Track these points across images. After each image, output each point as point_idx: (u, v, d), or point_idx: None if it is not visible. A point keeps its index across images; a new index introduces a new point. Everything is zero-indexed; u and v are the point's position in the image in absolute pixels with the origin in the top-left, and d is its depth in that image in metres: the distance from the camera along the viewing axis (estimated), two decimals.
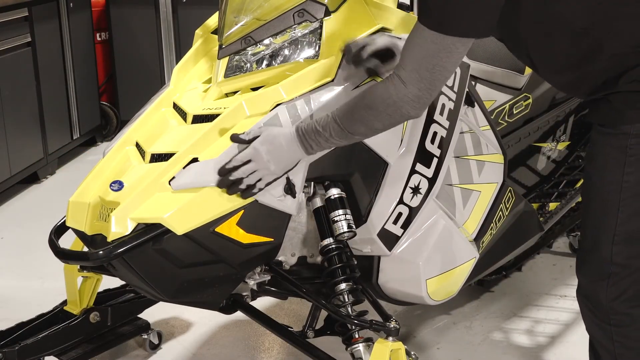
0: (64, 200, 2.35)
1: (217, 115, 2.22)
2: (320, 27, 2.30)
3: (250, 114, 2.21)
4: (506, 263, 3.22)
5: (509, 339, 3.03)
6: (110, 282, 2.82)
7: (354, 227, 2.28)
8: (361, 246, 2.40)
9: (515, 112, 3.00)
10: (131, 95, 5.56)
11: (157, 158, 2.23)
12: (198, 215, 2.10)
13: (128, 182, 2.19)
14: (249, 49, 2.32)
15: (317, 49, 2.29)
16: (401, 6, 2.40)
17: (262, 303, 3.09)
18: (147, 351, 2.96)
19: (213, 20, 2.61)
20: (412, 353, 2.25)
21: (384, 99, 1.97)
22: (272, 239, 2.22)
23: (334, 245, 2.29)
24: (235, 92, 2.34)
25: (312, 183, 2.31)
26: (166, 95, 2.44)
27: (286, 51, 2.31)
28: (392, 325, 2.21)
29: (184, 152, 2.16)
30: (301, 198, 2.32)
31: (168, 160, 2.17)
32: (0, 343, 2.58)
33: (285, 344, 2.93)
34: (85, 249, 2.26)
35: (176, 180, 2.12)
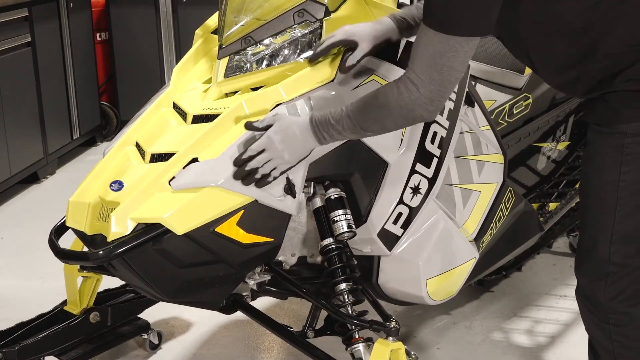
0: (64, 200, 2.35)
1: (217, 115, 2.22)
2: (320, 27, 2.31)
3: (250, 114, 2.21)
4: (506, 263, 3.22)
5: (509, 339, 3.03)
6: (110, 282, 2.82)
7: (354, 227, 2.28)
8: (361, 246, 2.40)
9: (515, 112, 3.00)
10: (131, 95, 5.56)
11: (157, 158, 2.23)
12: (198, 215, 2.10)
13: (128, 182, 2.19)
14: (249, 49, 2.32)
15: None
16: (401, 6, 2.40)
17: (262, 303, 3.09)
18: (147, 351, 2.96)
19: (213, 20, 2.61)
20: (412, 353, 2.25)
21: (397, 101, 1.97)
22: (272, 239, 2.22)
23: (334, 245, 2.29)
24: (235, 92, 2.34)
25: (312, 183, 2.31)
26: (166, 95, 2.44)
27: (286, 51, 2.31)
28: (392, 325, 2.21)
29: (184, 152, 2.16)
30: (301, 198, 2.32)
31: (168, 160, 2.17)
32: (0, 343, 2.58)
33: (285, 344, 2.93)
34: (85, 249, 2.26)
35: (176, 180, 2.12)
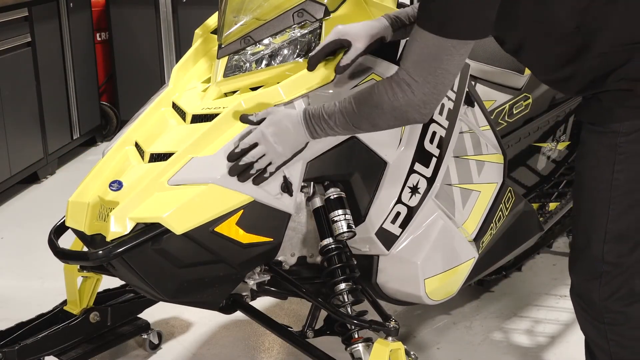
0: (64, 200, 2.35)
1: (216, 115, 2.22)
2: (320, 27, 2.30)
3: None
4: (506, 263, 3.22)
5: (509, 339, 3.03)
6: (110, 282, 2.82)
7: (353, 227, 2.28)
8: (360, 245, 2.40)
9: (515, 112, 3.00)
10: (131, 95, 5.56)
11: (157, 158, 2.23)
12: (197, 214, 2.10)
13: (127, 182, 2.19)
14: (248, 48, 2.32)
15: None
16: (401, 6, 2.40)
17: (262, 303, 3.09)
18: (147, 351, 2.96)
19: (213, 20, 2.61)
20: (412, 353, 2.25)
21: (391, 102, 1.97)
22: (272, 239, 2.22)
23: (333, 245, 2.29)
24: (234, 92, 2.34)
25: (312, 183, 2.31)
26: (165, 95, 2.44)
27: (285, 51, 2.31)
28: (392, 325, 2.20)
29: (183, 152, 2.16)
30: (300, 198, 2.32)
31: (167, 160, 2.17)
32: (0, 343, 2.58)
33: (285, 344, 2.93)
34: (85, 249, 2.26)
35: (173, 177, 2.12)
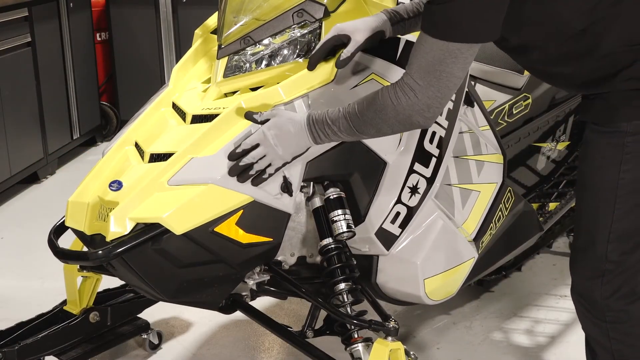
0: (63, 200, 2.35)
1: (216, 115, 2.22)
2: (320, 27, 2.30)
3: None
4: (506, 263, 3.22)
5: (509, 339, 3.03)
6: (110, 282, 2.82)
7: (353, 227, 2.28)
8: (359, 245, 2.40)
9: (514, 112, 3.00)
10: (131, 95, 5.56)
11: (156, 158, 2.23)
12: (197, 215, 2.10)
13: (127, 182, 2.19)
14: (248, 49, 2.32)
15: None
16: None
17: (262, 303, 3.09)
18: (147, 351, 2.97)
19: (212, 20, 2.61)
20: (412, 353, 2.25)
21: (395, 106, 1.96)
22: (272, 239, 2.22)
23: (333, 245, 2.29)
24: (234, 92, 2.34)
25: (312, 183, 2.31)
26: (165, 95, 2.44)
27: (285, 51, 2.31)
28: (392, 325, 2.20)
29: (183, 152, 2.16)
30: (300, 198, 2.32)
31: (167, 160, 2.17)
32: (0, 343, 2.58)
33: (285, 344, 2.93)
34: (85, 249, 2.26)
35: (173, 177, 2.12)
